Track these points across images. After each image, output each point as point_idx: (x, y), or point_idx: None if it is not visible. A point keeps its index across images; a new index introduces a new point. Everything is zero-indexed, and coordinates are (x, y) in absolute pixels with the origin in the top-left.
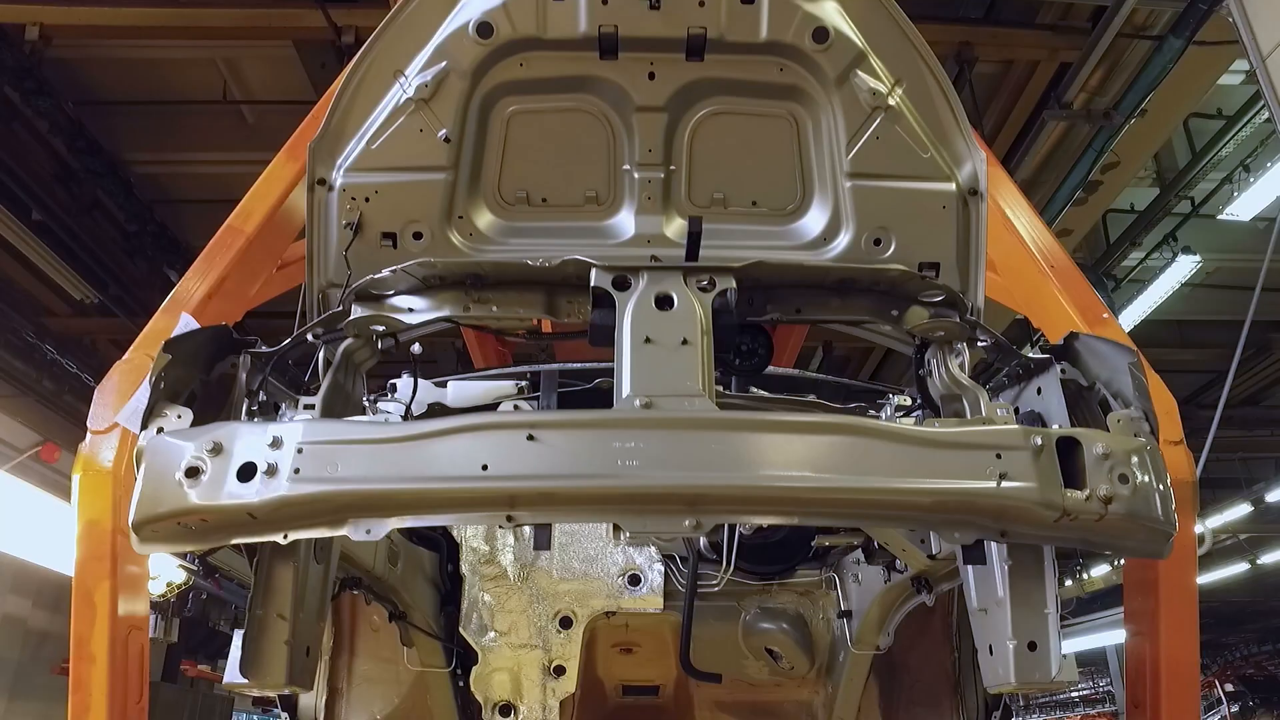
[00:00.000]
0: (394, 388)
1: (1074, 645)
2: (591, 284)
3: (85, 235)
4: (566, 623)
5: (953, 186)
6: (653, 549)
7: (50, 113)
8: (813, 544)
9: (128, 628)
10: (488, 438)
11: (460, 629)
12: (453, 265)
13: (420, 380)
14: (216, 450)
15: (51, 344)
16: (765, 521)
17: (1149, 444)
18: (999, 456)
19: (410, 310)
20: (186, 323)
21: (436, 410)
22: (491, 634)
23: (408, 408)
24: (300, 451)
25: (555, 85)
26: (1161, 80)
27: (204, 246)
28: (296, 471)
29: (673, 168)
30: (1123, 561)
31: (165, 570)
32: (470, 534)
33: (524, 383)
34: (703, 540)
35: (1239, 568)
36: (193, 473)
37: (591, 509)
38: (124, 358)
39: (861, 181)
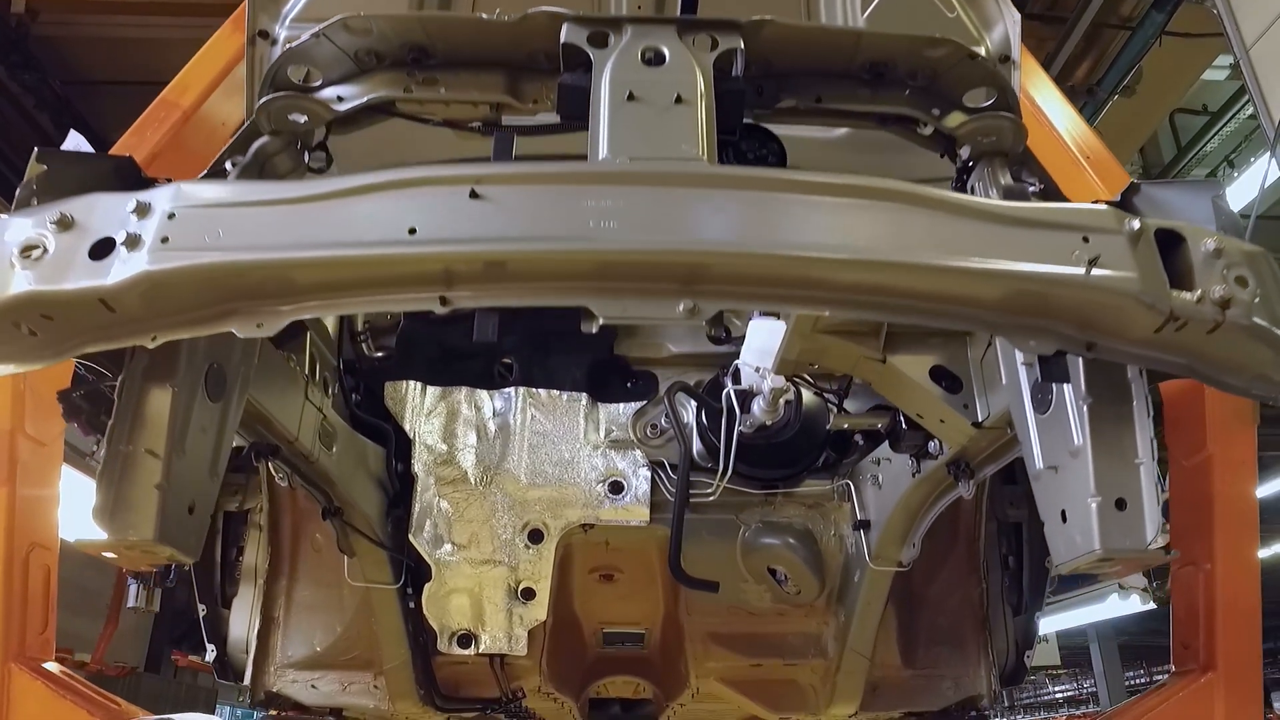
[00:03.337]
0: None
1: (1055, 624)
2: (562, 40)
3: None
4: (536, 536)
5: (981, 51)
6: (637, 453)
7: (37, 88)
8: (828, 429)
9: (29, 544)
10: (418, 195)
11: (410, 537)
12: (386, 27)
13: None
14: (65, 224)
15: None
16: (783, 309)
17: (1265, 252)
18: (1086, 240)
19: (339, 99)
20: (76, 141)
21: None
22: (448, 546)
23: None
24: (172, 217)
25: None
26: (1143, 55)
27: None
28: (165, 241)
29: None
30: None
31: None
32: (425, 430)
33: None
34: (697, 444)
35: None
36: (32, 251)
37: (553, 285)
38: None
39: None
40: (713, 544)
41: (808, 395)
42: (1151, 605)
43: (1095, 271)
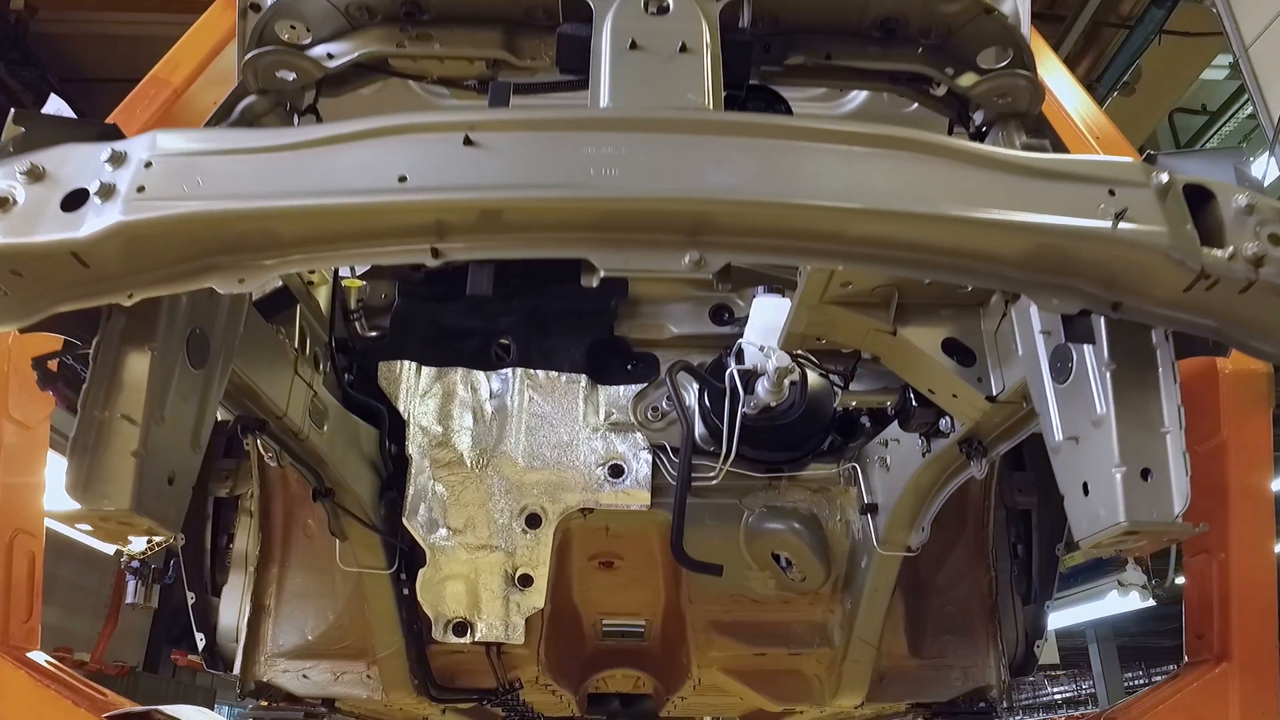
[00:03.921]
0: None
1: (1053, 622)
2: None
3: None
4: (534, 521)
5: None
6: (638, 436)
7: (36, 84)
8: (835, 407)
9: (12, 530)
10: (408, 142)
11: (404, 520)
12: None
13: None
14: (35, 175)
15: None
16: (793, 262)
17: None
18: (1113, 193)
19: (330, 57)
20: (57, 105)
21: None
22: (443, 531)
23: None
24: (149, 166)
25: None
26: (1142, 53)
27: None
28: (140, 190)
29: None
30: None
31: None
32: (420, 411)
33: None
34: (699, 426)
35: None
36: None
37: (551, 235)
38: None
39: None
40: (715, 529)
41: (813, 376)
42: (1151, 602)
43: (1122, 225)
